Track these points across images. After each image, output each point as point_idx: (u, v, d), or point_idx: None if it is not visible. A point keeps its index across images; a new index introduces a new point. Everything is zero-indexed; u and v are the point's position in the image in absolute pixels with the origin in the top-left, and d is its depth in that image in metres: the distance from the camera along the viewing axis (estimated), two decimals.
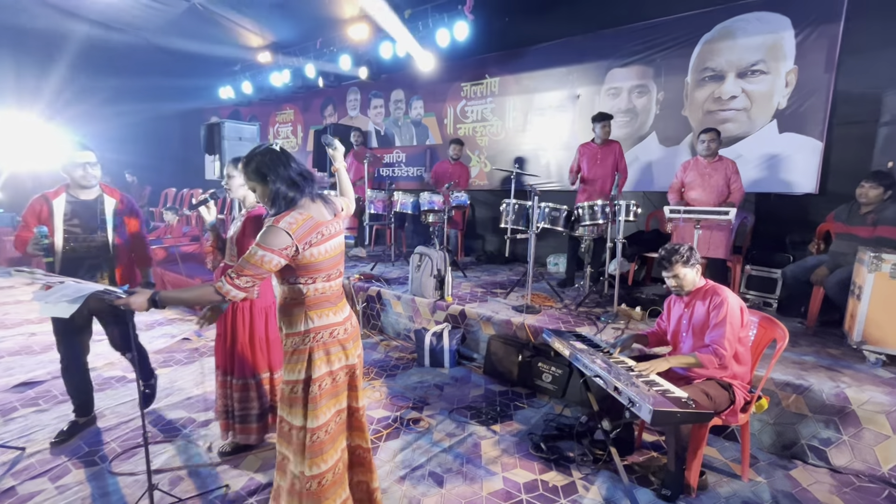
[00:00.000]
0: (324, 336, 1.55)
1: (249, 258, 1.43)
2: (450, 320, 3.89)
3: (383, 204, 5.30)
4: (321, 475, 1.54)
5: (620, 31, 5.10)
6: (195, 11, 6.38)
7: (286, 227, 1.45)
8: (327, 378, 1.56)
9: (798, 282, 3.53)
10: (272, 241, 1.43)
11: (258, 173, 1.53)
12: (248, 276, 1.43)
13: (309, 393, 1.52)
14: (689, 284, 2.19)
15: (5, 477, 2.14)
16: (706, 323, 2.12)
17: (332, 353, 1.57)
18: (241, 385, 2.29)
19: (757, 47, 4.35)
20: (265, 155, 1.55)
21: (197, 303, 1.79)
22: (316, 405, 1.52)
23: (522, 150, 6.12)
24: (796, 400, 2.45)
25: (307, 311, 1.54)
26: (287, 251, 1.45)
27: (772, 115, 4.35)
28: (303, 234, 1.47)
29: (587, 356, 2.26)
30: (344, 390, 1.63)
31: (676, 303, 2.34)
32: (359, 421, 1.71)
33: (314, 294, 1.55)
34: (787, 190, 4.32)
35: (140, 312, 1.51)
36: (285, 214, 1.49)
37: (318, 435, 1.53)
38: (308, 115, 8.86)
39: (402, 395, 3.12)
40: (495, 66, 6.24)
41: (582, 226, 3.98)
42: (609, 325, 3.43)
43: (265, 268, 1.44)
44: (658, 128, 5.04)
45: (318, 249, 1.52)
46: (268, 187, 1.52)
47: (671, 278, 2.21)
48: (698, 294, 2.21)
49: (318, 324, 1.55)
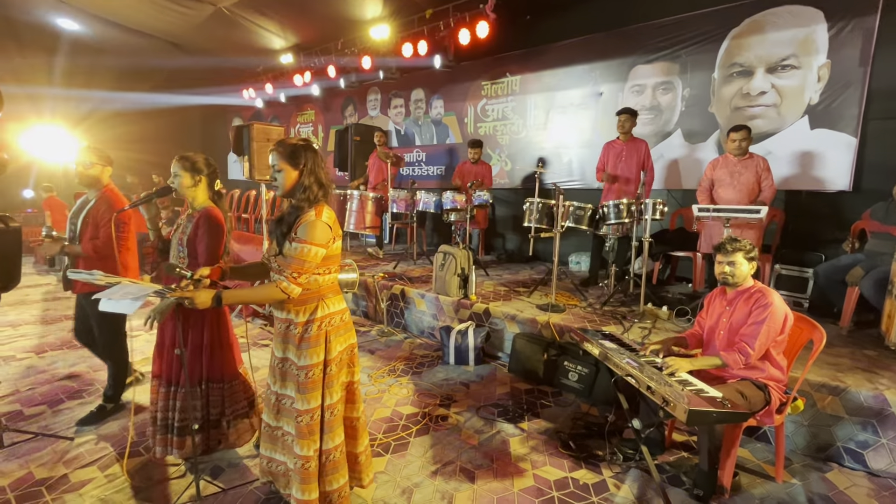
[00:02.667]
0: (336, 321, 1.69)
1: (305, 256, 1.54)
2: (474, 318, 3.91)
3: (406, 203, 5.34)
4: (339, 446, 1.70)
5: (644, 27, 5.04)
6: (220, 15, 6.52)
7: (328, 220, 1.59)
8: (339, 358, 1.70)
9: (831, 281, 3.46)
10: (320, 237, 1.56)
11: (293, 158, 1.60)
12: (307, 274, 1.55)
13: (327, 373, 1.66)
14: (740, 277, 2.16)
15: (58, 465, 2.25)
16: (744, 323, 2.09)
17: (342, 335, 1.72)
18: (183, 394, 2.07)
19: (788, 41, 4.25)
20: (309, 148, 1.64)
21: (261, 302, 1.91)
22: (332, 383, 1.67)
23: (544, 149, 6.10)
24: (832, 401, 2.41)
25: (322, 299, 1.67)
26: (329, 244, 1.60)
27: (803, 110, 4.25)
28: (336, 227, 1.63)
29: (617, 355, 2.26)
30: (346, 366, 1.77)
31: (718, 299, 2.30)
32: (353, 393, 1.83)
33: (327, 283, 1.68)
34: (820, 187, 4.22)
35: (202, 308, 1.55)
36: (321, 208, 1.60)
37: (335, 410, 1.68)
38: (329, 115, 8.97)
39: (429, 392, 3.16)
40: (516, 65, 6.23)
41: (607, 224, 3.96)
42: (636, 324, 3.41)
43: (317, 262, 1.57)
44: (683, 125, 4.97)
45: (339, 243, 1.68)
46: (299, 177, 1.60)
47: (726, 264, 2.18)
48: (744, 294, 2.16)
49: (331, 310, 1.69)
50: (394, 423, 2.71)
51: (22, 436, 2.46)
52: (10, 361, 3.55)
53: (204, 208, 2.10)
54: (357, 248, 6.89)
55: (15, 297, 5.43)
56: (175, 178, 2.08)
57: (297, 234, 1.55)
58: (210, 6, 6.25)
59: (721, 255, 2.21)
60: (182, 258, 2.06)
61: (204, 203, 2.13)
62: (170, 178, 2.11)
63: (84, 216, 2.52)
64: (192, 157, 2.12)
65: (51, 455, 2.33)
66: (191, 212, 2.13)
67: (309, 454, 1.62)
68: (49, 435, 2.49)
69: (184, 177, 2.07)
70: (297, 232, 1.55)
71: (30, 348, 3.83)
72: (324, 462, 1.66)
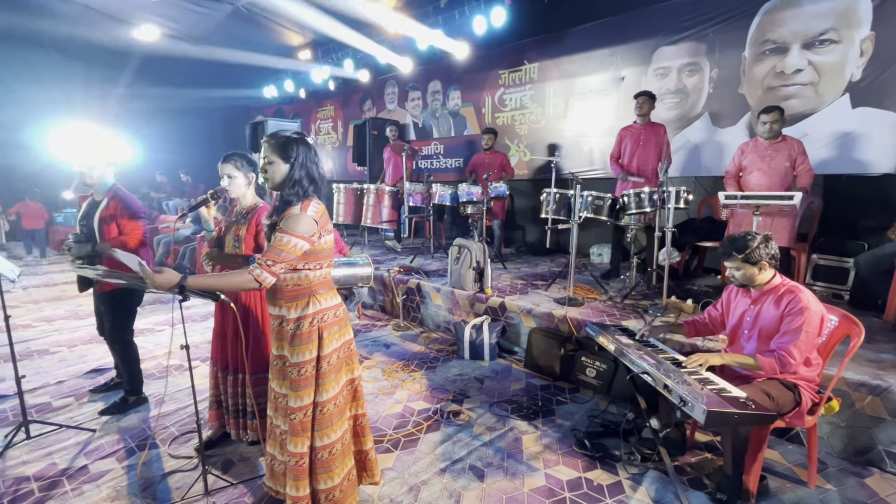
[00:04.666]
0: (328, 317, 1.66)
1: (283, 246, 1.50)
2: (489, 312, 3.84)
3: (422, 196, 5.30)
4: (331, 445, 1.66)
5: (669, 6, 4.79)
6: (239, 14, 6.61)
7: (313, 214, 1.56)
8: (334, 354, 1.67)
9: (873, 272, 3.21)
10: (302, 229, 1.52)
11: (284, 151, 1.57)
12: (283, 264, 1.52)
13: (320, 370, 1.63)
14: (749, 280, 2.01)
15: (79, 457, 2.32)
16: (776, 328, 1.92)
17: (336, 332, 1.68)
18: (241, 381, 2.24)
19: (826, 14, 3.94)
20: (301, 142, 1.61)
21: (231, 290, 1.85)
22: (326, 380, 1.64)
23: (563, 137, 5.92)
24: (872, 402, 2.22)
25: (314, 294, 1.63)
26: (313, 237, 1.56)
27: (843, 88, 3.95)
28: (323, 222, 1.59)
29: (634, 351, 2.15)
30: (345, 363, 1.74)
31: (740, 296, 2.15)
32: (356, 390, 1.80)
33: (320, 279, 1.64)
34: (861, 171, 3.92)
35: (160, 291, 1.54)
36: (308, 203, 1.57)
37: (328, 408, 1.64)
38: (348, 111, 9.00)
39: (442, 387, 3.12)
40: (534, 52, 6.05)
41: (628, 214, 3.79)
42: (657, 318, 3.26)
43: (296, 254, 1.53)
44: (711, 108, 4.71)
45: (328, 238, 1.63)
46: (290, 170, 1.57)
47: (729, 271, 2.05)
48: (772, 293, 1.99)
49: (324, 305, 1.65)
50: (405, 419, 2.68)
51: (47, 427, 2.55)
52: (43, 355, 3.71)
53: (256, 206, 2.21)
54: (375, 241, 6.90)
55: (53, 293, 5.70)
56: (229, 179, 2.16)
57: (280, 225, 1.53)
58: (229, 5, 6.34)
59: (725, 262, 2.05)
60: (237, 249, 2.18)
61: (255, 202, 2.23)
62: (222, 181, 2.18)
63: (99, 217, 2.59)
64: (245, 156, 2.21)
65: (73, 446, 2.41)
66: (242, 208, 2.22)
67: (302, 451, 1.60)
68: (73, 427, 2.57)
69: (238, 177, 2.17)
70: (280, 223, 1.53)
71: (62, 342, 4.00)
72: (314, 460, 1.64)
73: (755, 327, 2.02)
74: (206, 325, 4.42)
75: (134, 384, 2.82)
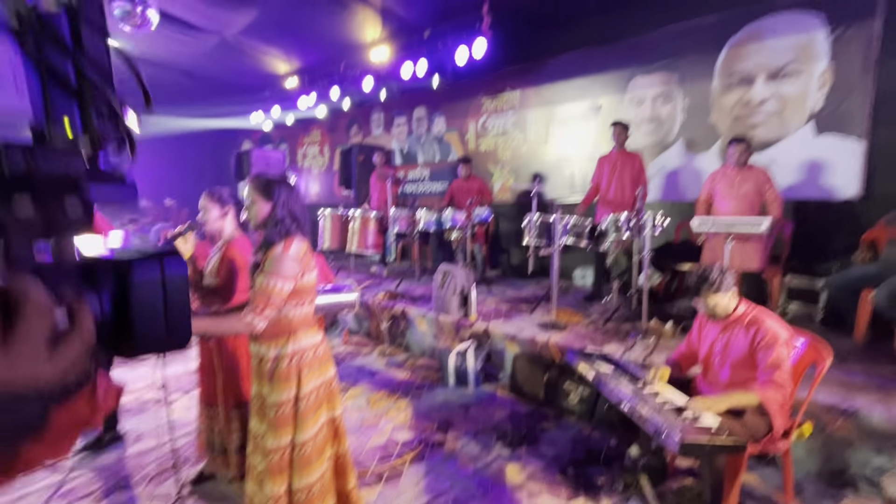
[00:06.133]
0: (308, 355, 1.66)
1: (269, 290, 1.52)
2: (474, 338, 3.86)
3: (407, 222, 5.35)
4: (310, 486, 1.64)
5: (642, 39, 5.01)
6: (226, 43, 6.71)
7: (295, 254, 1.58)
8: (313, 394, 1.66)
9: (843, 293, 3.33)
10: (286, 271, 1.55)
11: (267, 191, 1.62)
12: (272, 308, 1.53)
13: (298, 409, 1.62)
14: (722, 311, 2.09)
15: (53, 499, 2.26)
16: (749, 358, 1.99)
17: (316, 370, 1.68)
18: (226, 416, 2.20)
19: (787, 48, 4.17)
20: (283, 182, 1.67)
21: (225, 333, 1.91)
22: (304, 420, 1.63)
23: (545, 162, 6.07)
24: (844, 424, 2.29)
25: (294, 333, 1.64)
26: (297, 277, 1.58)
27: (807, 116, 4.15)
28: (306, 261, 1.61)
29: (612, 380, 2.19)
30: (325, 401, 1.73)
31: (709, 325, 2.22)
32: (337, 428, 1.79)
33: (300, 317, 1.65)
34: (828, 195, 4.09)
35: None
36: (290, 242, 1.60)
37: (307, 448, 1.63)
38: (334, 136, 9.10)
39: (427, 415, 3.11)
40: (515, 80, 6.24)
41: (608, 241, 3.89)
42: (638, 341, 3.32)
43: (282, 296, 1.55)
44: (685, 135, 4.90)
45: (310, 276, 1.65)
46: (272, 209, 1.61)
47: (703, 306, 2.12)
48: (738, 322, 2.06)
49: (304, 344, 1.65)
50: (389, 451, 2.67)
51: None
52: None
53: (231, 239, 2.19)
54: (361, 265, 6.91)
55: None
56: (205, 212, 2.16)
57: (264, 267, 1.55)
58: (215, 35, 6.44)
59: (696, 299, 2.12)
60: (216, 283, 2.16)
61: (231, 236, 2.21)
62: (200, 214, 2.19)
63: None
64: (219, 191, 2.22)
65: (45, 489, 2.34)
66: (220, 243, 2.23)
67: (280, 492, 1.59)
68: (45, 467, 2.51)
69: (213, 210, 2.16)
70: (264, 265, 1.56)
71: None
72: (292, 501, 1.62)
73: (726, 356, 2.09)
74: (187, 356, 4.35)
75: (109, 420, 2.76)
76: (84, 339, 0.32)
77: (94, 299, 0.37)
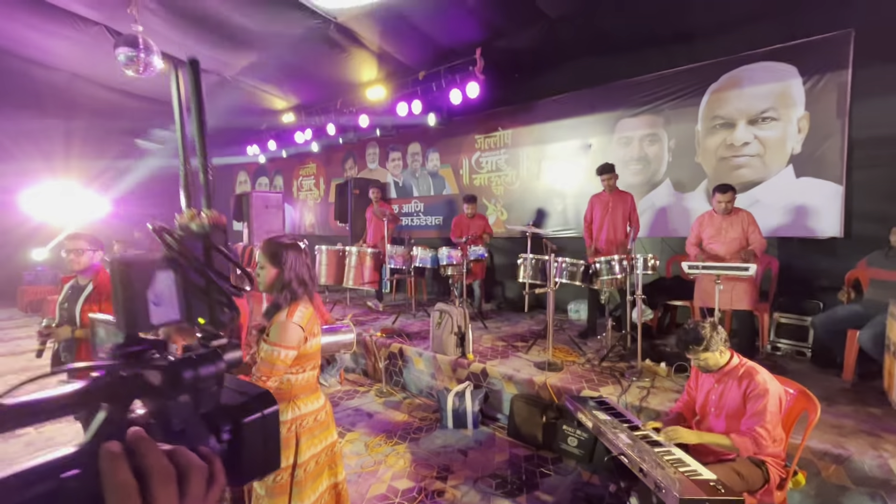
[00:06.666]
0: (308, 422, 1.64)
1: (274, 359, 1.54)
2: (472, 378, 3.88)
3: (403, 259, 5.42)
4: None
5: (628, 83, 5.26)
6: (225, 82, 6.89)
7: (299, 320, 1.60)
8: (312, 461, 1.64)
9: (830, 333, 3.43)
10: (289, 338, 1.56)
11: (275, 258, 1.66)
12: (276, 376, 1.55)
13: (294, 478, 1.60)
14: (714, 365, 2.16)
15: None
16: (741, 409, 2.05)
17: (316, 436, 1.66)
18: None
19: (766, 95, 4.41)
20: (292, 247, 1.70)
21: None
22: (302, 489, 1.61)
23: (538, 198, 6.22)
24: (836, 471, 2.34)
25: (294, 399, 1.63)
26: (301, 344, 1.59)
27: (787, 160, 4.35)
28: (310, 327, 1.62)
29: (611, 429, 2.23)
30: (326, 468, 1.71)
31: (705, 375, 2.29)
32: (339, 494, 1.78)
33: (302, 383, 1.65)
34: (811, 234, 4.25)
35: None
36: (295, 307, 1.62)
37: None
38: (330, 169, 9.25)
39: (426, 461, 3.10)
40: (507, 119, 6.46)
41: (601, 280, 3.98)
42: (634, 383, 3.37)
43: (286, 363, 1.56)
44: (672, 175, 5.08)
45: (314, 342, 1.65)
46: (279, 274, 1.64)
47: (694, 362, 2.20)
48: (732, 374, 2.13)
49: (304, 411, 1.64)
50: (389, 502, 2.65)
51: None
52: (8, 438, 3.53)
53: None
54: (357, 299, 6.93)
55: (19, 363, 5.47)
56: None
57: (268, 335, 1.58)
58: (215, 76, 6.61)
59: (688, 354, 2.20)
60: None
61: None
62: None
63: (83, 303, 2.59)
64: None
65: None
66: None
67: None
68: None
69: None
70: (269, 333, 1.58)
71: None
72: None
73: (721, 407, 2.14)
74: None
75: None
76: (221, 485, 0.42)
77: (215, 443, 0.45)
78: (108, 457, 0.36)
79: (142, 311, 0.45)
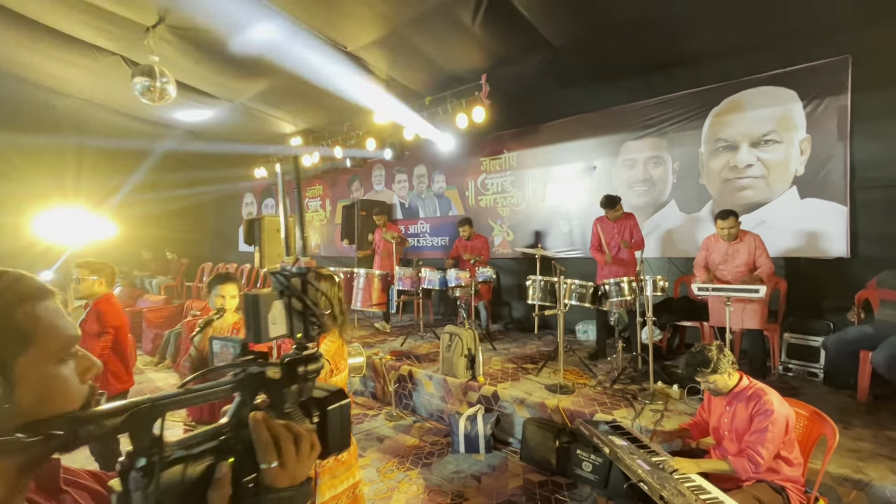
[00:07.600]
0: (329, 461, 1.56)
1: None
2: (483, 401, 3.87)
3: (411, 280, 5.45)
4: None
5: (631, 107, 5.37)
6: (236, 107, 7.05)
7: (325, 352, 1.58)
8: (332, 502, 1.57)
9: (841, 355, 3.42)
10: None
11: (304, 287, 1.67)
12: None
13: None
14: (723, 387, 2.17)
15: None
16: (747, 428, 2.08)
17: (338, 476, 1.59)
18: None
19: (767, 118, 4.50)
20: (326, 278, 1.69)
21: None
22: None
23: (543, 219, 6.28)
24: (857, 497, 2.32)
25: None
26: (326, 378, 1.56)
27: (790, 181, 4.41)
28: (336, 359, 1.60)
29: (628, 454, 2.22)
30: None
31: (716, 398, 2.30)
32: None
33: None
34: (818, 254, 4.28)
35: None
36: (322, 339, 1.61)
37: None
38: (336, 190, 9.36)
39: (440, 488, 3.07)
40: (512, 142, 6.57)
41: (610, 301, 4.00)
42: (647, 406, 3.35)
43: None
44: (677, 196, 5.14)
45: (340, 376, 1.63)
46: None
47: (703, 385, 2.21)
48: (741, 396, 2.16)
49: None
50: None
51: None
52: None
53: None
54: (364, 321, 6.93)
55: None
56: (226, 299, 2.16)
57: None
58: (228, 102, 6.78)
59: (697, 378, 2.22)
60: None
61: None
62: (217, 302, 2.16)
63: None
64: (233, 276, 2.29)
65: None
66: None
67: None
68: None
69: None
70: None
71: None
72: None
73: (733, 429, 2.15)
74: None
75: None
76: (318, 450, 0.62)
77: (309, 425, 0.62)
78: (256, 422, 0.55)
79: (264, 328, 0.61)
